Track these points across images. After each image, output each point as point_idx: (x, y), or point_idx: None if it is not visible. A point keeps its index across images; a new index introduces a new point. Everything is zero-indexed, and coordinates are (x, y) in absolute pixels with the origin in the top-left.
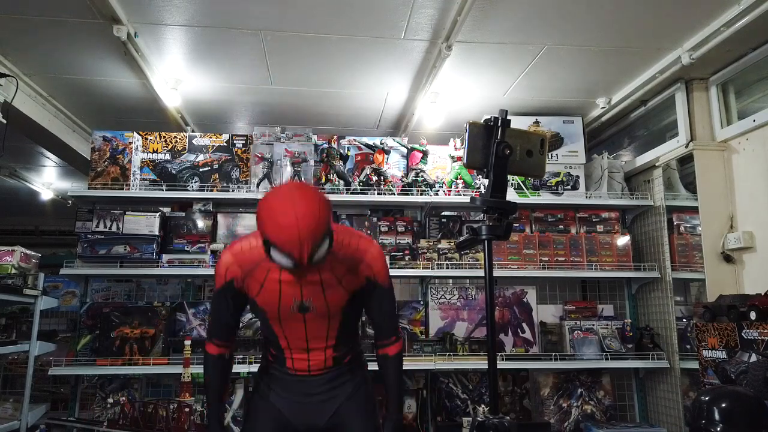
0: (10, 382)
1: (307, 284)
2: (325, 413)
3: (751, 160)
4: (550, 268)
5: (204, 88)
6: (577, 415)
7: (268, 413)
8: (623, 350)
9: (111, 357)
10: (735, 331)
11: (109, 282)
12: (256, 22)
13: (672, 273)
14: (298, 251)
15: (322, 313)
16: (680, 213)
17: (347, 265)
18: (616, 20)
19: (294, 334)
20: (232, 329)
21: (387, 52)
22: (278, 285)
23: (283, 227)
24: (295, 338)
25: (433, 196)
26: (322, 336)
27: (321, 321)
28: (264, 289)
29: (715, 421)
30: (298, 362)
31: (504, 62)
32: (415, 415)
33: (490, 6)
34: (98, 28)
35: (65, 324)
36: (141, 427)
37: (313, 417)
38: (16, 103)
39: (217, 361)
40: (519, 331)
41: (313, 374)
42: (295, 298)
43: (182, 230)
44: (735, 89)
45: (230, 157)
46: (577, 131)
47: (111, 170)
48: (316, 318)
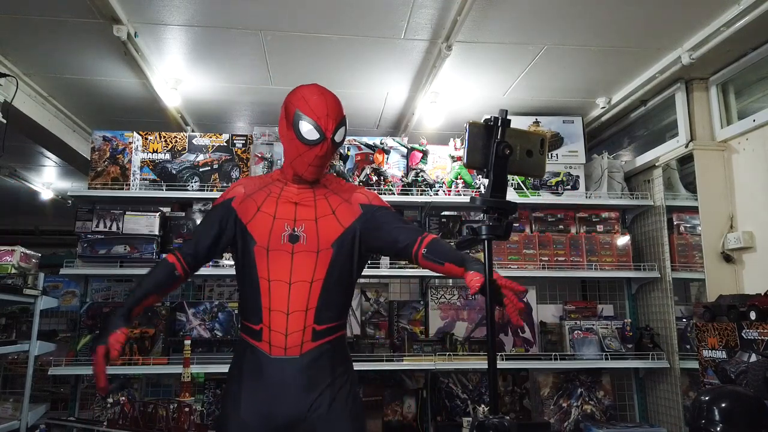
0: (10, 382)
1: (302, 207)
2: (301, 405)
3: (751, 160)
4: (550, 268)
5: (204, 88)
6: (577, 415)
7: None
8: (623, 350)
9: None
10: (735, 331)
11: (109, 282)
12: (256, 22)
13: (672, 273)
14: (324, 121)
15: (312, 244)
16: (680, 213)
17: (341, 196)
18: (616, 20)
19: (278, 274)
20: (199, 256)
21: (387, 52)
22: (275, 207)
23: (313, 101)
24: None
25: (433, 196)
26: (305, 280)
27: (309, 258)
28: (260, 212)
29: (715, 421)
30: (275, 335)
31: (504, 62)
32: (415, 415)
33: (490, 6)
34: (98, 28)
35: (65, 324)
36: (141, 427)
37: (287, 411)
38: (16, 103)
39: (168, 268)
40: (519, 331)
41: (289, 354)
42: (287, 224)
43: (182, 230)
44: (735, 89)
45: (230, 157)
46: (577, 131)
47: (111, 170)
48: (305, 252)
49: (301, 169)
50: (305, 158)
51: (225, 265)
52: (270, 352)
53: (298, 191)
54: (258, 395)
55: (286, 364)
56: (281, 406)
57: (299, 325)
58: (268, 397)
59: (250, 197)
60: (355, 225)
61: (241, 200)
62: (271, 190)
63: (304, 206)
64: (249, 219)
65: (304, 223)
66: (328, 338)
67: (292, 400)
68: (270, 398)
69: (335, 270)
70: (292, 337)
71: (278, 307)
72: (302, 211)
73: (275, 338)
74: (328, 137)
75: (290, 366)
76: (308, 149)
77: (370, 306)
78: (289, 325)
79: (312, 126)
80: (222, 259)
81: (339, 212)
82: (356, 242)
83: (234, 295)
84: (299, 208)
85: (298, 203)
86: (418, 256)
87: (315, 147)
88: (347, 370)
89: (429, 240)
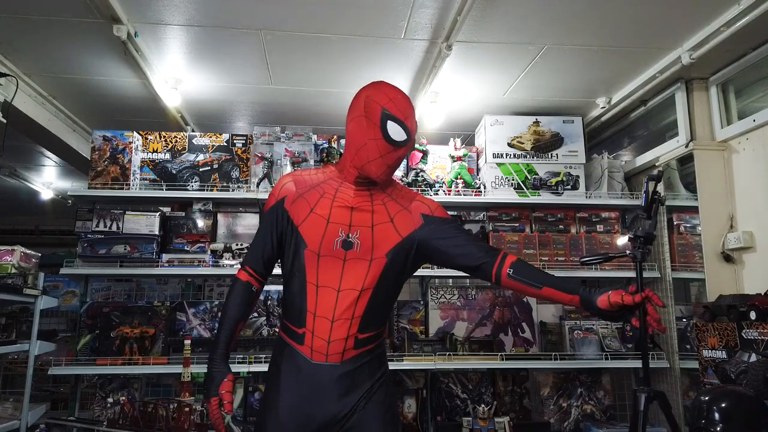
0: (10, 381)
1: (358, 212)
2: (338, 410)
3: (751, 160)
4: (550, 267)
5: (204, 88)
6: (576, 415)
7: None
8: (623, 350)
9: (111, 357)
10: (735, 331)
11: (109, 282)
12: (256, 22)
13: (672, 273)
14: (410, 122)
15: (366, 252)
16: (680, 213)
17: (400, 203)
18: (616, 20)
19: (327, 280)
20: (267, 263)
21: (387, 52)
22: (329, 210)
23: (400, 102)
24: (326, 290)
25: (433, 196)
26: (355, 288)
27: (361, 266)
28: (313, 214)
29: (715, 421)
30: (318, 341)
31: (504, 62)
32: (415, 415)
33: (490, 6)
34: (98, 28)
35: (65, 324)
36: (141, 426)
37: (324, 414)
38: (16, 103)
39: (244, 288)
40: (519, 331)
41: (330, 361)
42: (342, 229)
43: (182, 230)
44: (735, 89)
45: (230, 157)
46: (577, 131)
47: (111, 170)
48: (357, 260)
49: (378, 171)
50: (387, 159)
51: (225, 265)
52: (311, 357)
53: (354, 194)
54: (296, 398)
55: (326, 370)
56: (318, 409)
57: (343, 333)
58: (306, 400)
59: (302, 197)
60: (414, 236)
61: (293, 200)
62: (325, 189)
63: (360, 211)
64: (301, 221)
65: (360, 230)
66: (370, 346)
67: (329, 405)
68: (308, 402)
69: (386, 280)
70: (335, 345)
71: (324, 314)
72: (358, 217)
73: (317, 344)
74: (413, 139)
75: (330, 372)
76: (393, 150)
77: None
78: (333, 332)
79: (401, 127)
80: (223, 259)
81: (397, 221)
82: (412, 253)
83: None
84: (355, 213)
85: (354, 208)
86: (501, 275)
87: (400, 149)
88: (384, 373)
89: (514, 260)
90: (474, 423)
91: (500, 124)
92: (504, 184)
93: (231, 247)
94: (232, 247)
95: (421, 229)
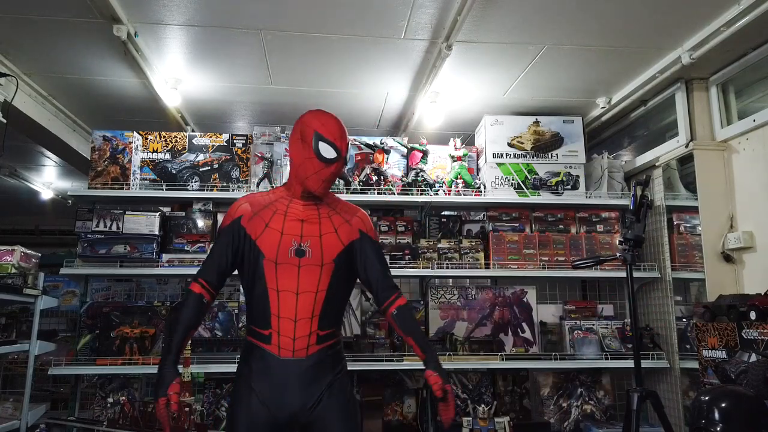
0: (10, 381)
1: (308, 224)
2: (306, 399)
3: (751, 160)
4: (550, 267)
5: (204, 88)
6: (577, 415)
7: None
8: (623, 350)
9: (111, 357)
10: (735, 331)
11: (109, 282)
12: (256, 21)
13: (672, 273)
14: (339, 141)
15: (317, 259)
16: (680, 213)
17: (343, 216)
18: (616, 20)
19: (286, 285)
20: (220, 276)
21: (387, 52)
22: (282, 223)
23: (329, 123)
24: (286, 294)
25: (433, 195)
26: (311, 291)
27: (314, 270)
28: (268, 228)
29: (715, 421)
30: (284, 339)
31: (504, 62)
32: (415, 415)
33: (490, 6)
34: (98, 28)
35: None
36: (141, 426)
37: (293, 403)
38: (16, 103)
39: (197, 299)
40: (519, 331)
41: (297, 356)
42: (294, 239)
43: (182, 230)
44: (735, 89)
45: (230, 157)
46: (577, 131)
47: (111, 170)
48: (310, 266)
49: (316, 185)
50: (321, 175)
51: None
52: (279, 354)
53: (303, 208)
54: (267, 391)
55: (294, 365)
56: (289, 398)
57: (306, 330)
58: (276, 392)
59: (257, 215)
60: (353, 245)
61: (249, 218)
62: (277, 207)
63: (309, 223)
64: (258, 235)
65: (310, 239)
66: (329, 342)
67: (297, 395)
68: (278, 394)
69: (336, 281)
70: (300, 341)
71: (287, 315)
72: (308, 228)
73: (284, 342)
74: (343, 156)
75: (297, 366)
76: (325, 167)
77: (370, 306)
78: (297, 330)
79: (331, 147)
80: None
81: (340, 231)
82: (351, 258)
83: (234, 294)
84: (305, 224)
85: (304, 220)
86: (388, 311)
87: (331, 165)
88: (343, 367)
89: (401, 304)
90: (474, 423)
91: (500, 124)
92: (504, 184)
93: None
94: None
95: (356, 241)
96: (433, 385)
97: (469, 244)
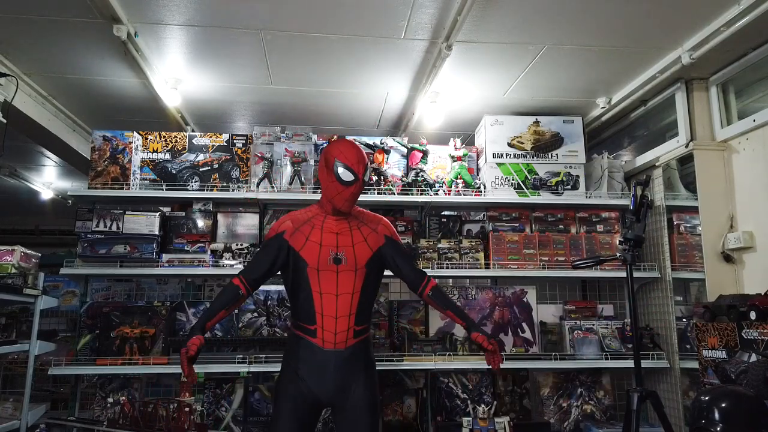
0: (10, 381)
1: (342, 236)
2: (342, 384)
3: (751, 160)
4: (550, 268)
5: (204, 88)
6: (577, 415)
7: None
8: (623, 350)
9: (111, 357)
10: (735, 331)
11: (109, 282)
12: (256, 22)
13: (672, 273)
14: (357, 167)
15: (351, 265)
16: (680, 213)
17: (370, 226)
18: (616, 20)
19: (327, 288)
20: (259, 278)
21: (387, 52)
22: (320, 236)
23: (347, 151)
24: (328, 296)
25: (433, 195)
26: (348, 292)
27: (349, 275)
28: (309, 242)
29: (715, 421)
30: (327, 333)
31: (504, 62)
32: (415, 415)
33: (490, 6)
34: (98, 28)
35: (65, 324)
36: (141, 426)
37: (331, 387)
38: (16, 103)
39: (233, 290)
40: (519, 331)
41: (337, 348)
42: (331, 249)
43: (182, 230)
44: (735, 89)
45: (230, 157)
46: (577, 131)
47: (111, 170)
48: (346, 271)
49: (340, 204)
50: (343, 195)
51: (225, 265)
52: (323, 346)
53: (336, 223)
54: (311, 375)
55: (335, 355)
56: (327, 384)
57: (345, 326)
58: (318, 377)
59: (298, 230)
60: (380, 250)
61: (292, 233)
62: (314, 223)
63: (343, 235)
64: (300, 247)
65: (344, 249)
66: (363, 336)
67: (335, 380)
68: (320, 378)
69: (368, 283)
70: (340, 335)
71: (329, 313)
72: (342, 239)
73: (327, 336)
74: (360, 178)
75: (337, 356)
76: (345, 188)
77: None
78: (338, 326)
79: (349, 171)
80: (223, 258)
81: (369, 239)
82: (379, 262)
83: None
84: (340, 236)
85: (338, 233)
86: (423, 293)
87: (350, 186)
88: (371, 358)
89: (434, 284)
90: (474, 423)
91: (500, 124)
92: (504, 184)
93: (231, 247)
94: (232, 247)
95: (384, 246)
96: (483, 342)
97: (469, 244)
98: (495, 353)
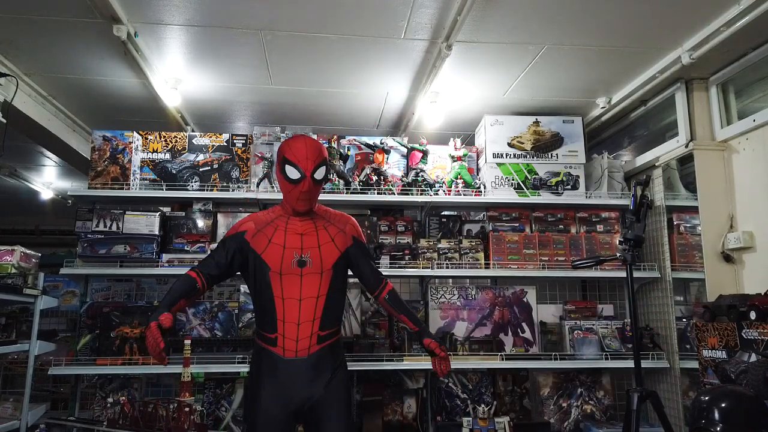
0: (10, 381)
1: (307, 236)
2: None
3: (751, 160)
4: (550, 267)
5: (204, 88)
6: (576, 415)
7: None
8: (623, 350)
9: (111, 357)
10: (735, 331)
11: (109, 282)
12: (256, 22)
13: (672, 273)
14: (304, 163)
15: (317, 267)
16: (680, 213)
17: (337, 226)
18: (616, 20)
19: (290, 293)
20: (215, 275)
21: (387, 52)
22: (283, 238)
23: (295, 147)
24: (290, 301)
25: (433, 195)
26: (312, 296)
27: (314, 278)
28: (271, 244)
29: (715, 421)
30: (288, 341)
31: (504, 62)
32: (415, 415)
33: (490, 6)
34: (98, 28)
35: (65, 324)
36: (141, 426)
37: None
38: (16, 103)
39: (189, 280)
40: (519, 331)
41: (299, 356)
42: (296, 251)
43: (182, 230)
44: (735, 89)
45: (230, 157)
46: (577, 131)
47: (111, 170)
48: (311, 274)
49: (293, 203)
50: (293, 193)
51: None
52: (284, 355)
53: (301, 223)
54: (275, 388)
55: (297, 363)
56: (295, 393)
57: (307, 332)
58: (283, 388)
59: (260, 231)
60: (348, 250)
61: (253, 234)
62: (278, 224)
63: (308, 236)
64: (262, 250)
65: (310, 250)
66: (329, 341)
67: (303, 389)
68: (285, 389)
69: (335, 286)
70: (302, 342)
71: (290, 319)
72: (307, 240)
73: (288, 344)
74: (308, 176)
75: (300, 364)
76: (294, 186)
77: (370, 306)
78: (300, 333)
79: (294, 168)
80: None
81: (337, 240)
82: (346, 263)
83: (234, 295)
84: (304, 237)
85: (303, 234)
86: (380, 298)
87: (298, 184)
88: (342, 363)
89: (390, 288)
90: (474, 423)
91: (500, 124)
92: (504, 184)
93: None
94: None
95: (352, 247)
96: (435, 349)
97: (469, 244)
98: (445, 360)
